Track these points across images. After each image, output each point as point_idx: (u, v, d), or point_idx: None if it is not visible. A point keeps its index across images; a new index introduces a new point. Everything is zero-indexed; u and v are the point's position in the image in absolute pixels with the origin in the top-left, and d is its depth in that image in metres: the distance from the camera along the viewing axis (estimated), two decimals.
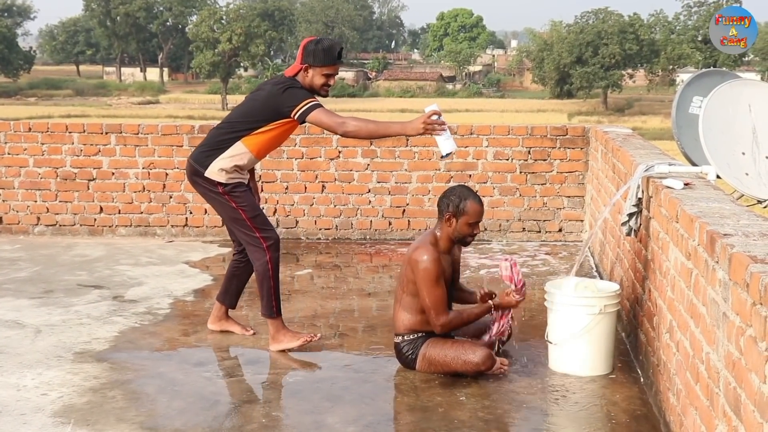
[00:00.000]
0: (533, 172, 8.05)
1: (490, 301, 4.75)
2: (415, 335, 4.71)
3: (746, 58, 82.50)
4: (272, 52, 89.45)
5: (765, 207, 5.04)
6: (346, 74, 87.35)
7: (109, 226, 8.26)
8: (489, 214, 8.05)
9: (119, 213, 8.24)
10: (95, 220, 8.26)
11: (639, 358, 4.72)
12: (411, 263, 4.63)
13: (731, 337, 2.82)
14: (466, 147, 8.04)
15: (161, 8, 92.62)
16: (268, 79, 5.71)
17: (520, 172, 8.04)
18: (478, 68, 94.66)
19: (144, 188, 8.21)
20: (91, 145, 8.19)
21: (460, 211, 4.63)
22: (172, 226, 8.24)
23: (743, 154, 5.04)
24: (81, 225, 8.26)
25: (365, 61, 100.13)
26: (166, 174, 8.18)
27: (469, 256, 7.43)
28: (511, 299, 4.70)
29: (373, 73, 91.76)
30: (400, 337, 4.74)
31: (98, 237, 8.21)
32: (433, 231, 4.74)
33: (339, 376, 4.70)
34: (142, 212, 8.23)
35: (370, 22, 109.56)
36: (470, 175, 8.05)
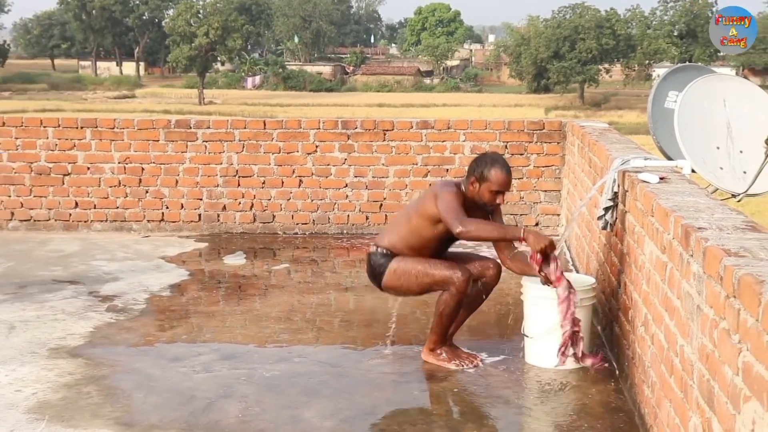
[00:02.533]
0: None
1: (521, 229, 4.48)
2: (388, 252, 4.71)
3: (721, 53, 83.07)
4: (249, 47, 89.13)
5: (739, 201, 5.07)
6: (323, 68, 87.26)
7: (85, 221, 8.20)
8: None
9: (95, 208, 8.19)
10: (70, 215, 8.20)
11: (614, 351, 4.74)
12: (434, 191, 4.61)
13: (705, 329, 2.84)
14: (444, 141, 8.04)
15: (137, 2, 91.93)
16: None
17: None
18: (455, 63, 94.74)
19: (120, 183, 8.16)
20: (66, 139, 8.13)
21: (484, 178, 4.59)
22: (148, 221, 8.19)
23: (718, 148, 5.07)
24: (56, 220, 8.20)
25: (343, 56, 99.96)
26: (142, 169, 8.14)
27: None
28: (543, 237, 4.42)
29: (351, 68, 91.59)
30: (376, 248, 4.75)
31: (73, 232, 8.15)
32: (460, 182, 4.71)
33: (316, 371, 4.70)
34: (117, 207, 8.18)
35: (348, 17, 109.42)
36: (447, 170, 8.06)
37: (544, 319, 4.63)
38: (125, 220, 8.19)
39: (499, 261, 4.86)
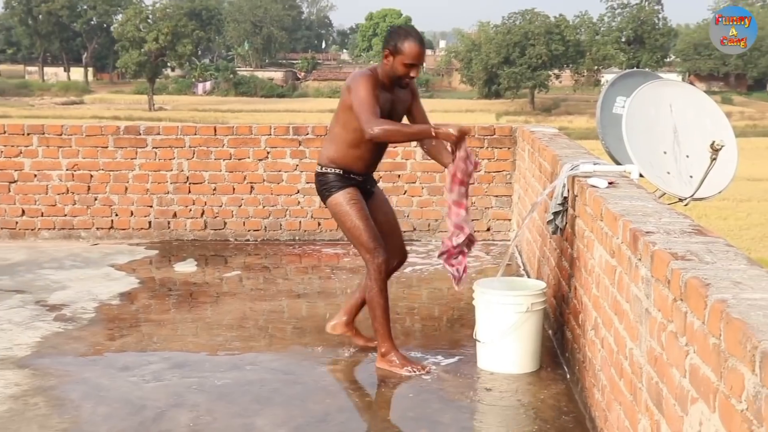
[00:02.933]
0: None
1: (431, 127, 4.60)
2: (333, 170, 4.78)
3: (668, 59, 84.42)
4: (200, 52, 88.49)
5: (686, 205, 5.14)
6: (274, 74, 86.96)
7: (32, 229, 8.07)
8: (418, 214, 8.09)
9: (42, 216, 8.06)
10: (17, 223, 8.06)
11: (565, 355, 4.78)
12: (348, 83, 4.69)
13: (653, 332, 2.87)
14: (395, 147, 8.05)
15: (85, 6, 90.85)
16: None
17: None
18: None
19: (68, 190, 8.05)
20: (12, 146, 8.00)
21: (398, 50, 4.63)
22: (97, 228, 8.09)
23: (665, 153, 5.14)
24: (2, 228, 8.05)
25: (294, 61, 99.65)
26: (91, 175, 8.03)
27: None
28: (453, 131, 4.54)
29: (302, 74, 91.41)
30: (320, 167, 4.84)
31: (20, 240, 8.02)
32: (375, 66, 4.78)
33: (268, 378, 4.67)
34: (65, 215, 8.07)
35: (299, 22, 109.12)
36: (399, 176, 8.07)
37: (497, 324, 4.65)
38: (73, 228, 8.08)
39: (406, 253, 5.18)
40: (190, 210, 8.09)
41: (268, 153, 8.06)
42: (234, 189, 8.08)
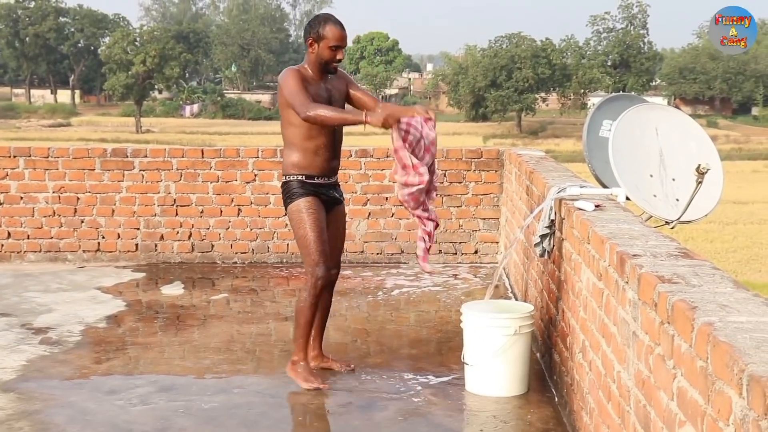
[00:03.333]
0: (449, 195, 8.13)
1: (363, 114, 4.63)
2: (295, 177, 4.83)
3: (654, 83, 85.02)
4: (187, 75, 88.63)
5: (672, 228, 5.16)
6: (262, 97, 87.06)
7: (18, 252, 8.04)
8: (405, 236, 8.09)
9: (28, 238, 8.03)
10: (2, 245, 8.03)
11: (553, 378, 4.78)
12: (279, 84, 4.77)
13: (641, 355, 2.88)
14: (383, 170, 8.07)
15: (72, 29, 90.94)
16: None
17: (436, 195, 8.08)
18: (394, 91, 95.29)
19: (54, 213, 8.03)
20: None
21: (321, 36, 4.74)
22: (83, 251, 8.06)
23: (651, 176, 5.16)
24: None
25: None
26: (78, 198, 8.01)
27: (386, 277, 7.45)
28: (380, 118, 4.56)
29: None
30: (285, 177, 4.89)
31: (5, 263, 7.98)
32: (302, 62, 4.88)
33: (255, 402, 4.65)
34: (52, 237, 8.04)
35: (287, 45, 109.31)
36: (386, 198, 8.09)
37: (484, 347, 4.65)
38: (60, 251, 8.05)
39: (339, 267, 5.11)
40: (178, 232, 8.07)
41: (255, 175, 8.06)
42: (221, 211, 8.07)
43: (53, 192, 8.01)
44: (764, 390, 1.79)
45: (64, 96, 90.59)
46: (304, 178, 4.84)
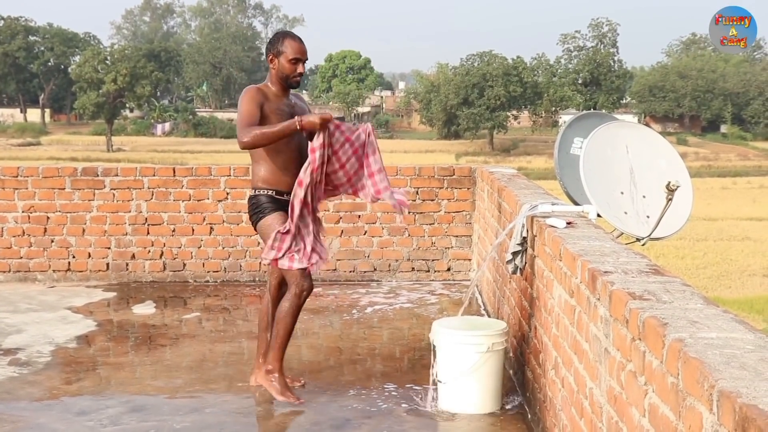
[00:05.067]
0: (421, 212, 8.14)
1: (295, 120, 4.65)
2: (265, 192, 4.83)
3: (624, 101, 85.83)
4: (159, 93, 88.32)
5: (643, 245, 5.20)
6: (234, 115, 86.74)
7: None
8: (378, 254, 8.09)
9: None
10: None
11: (526, 395, 4.79)
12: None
13: (613, 372, 2.89)
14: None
15: (42, 48, 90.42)
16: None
17: (409, 212, 8.12)
18: (366, 109, 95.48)
19: (24, 232, 7.95)
20: None
21: (280, 52, 4.82)
22: (53, 270, 7.98)
23: (622, 193, 5.20)
24: None
25: None
26: (47, 217, 7.95)
27: (360, 295, 7.44)
28: (314, 119, 4.61)
29: None
30: (253, 191, 4.90)
31: None
32: (264, 83, 4.92)
33: (228, 421, 4.61)
34: (21, 257, 7.96)
35: (259, 63, 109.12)
36: (359, 216, 8.08)
37: (457, 364, 4.65)
38: (29, 270, 7.97)
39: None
40: (149, 251, 8.02)
41: (227, 194, 8.03)
42: (193, 230, 8.04)
43: (23, 211, 7.94)
44: (734, 406, 1.80)
45: (34, 115, 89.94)
46: (273, 194, 4.83)
